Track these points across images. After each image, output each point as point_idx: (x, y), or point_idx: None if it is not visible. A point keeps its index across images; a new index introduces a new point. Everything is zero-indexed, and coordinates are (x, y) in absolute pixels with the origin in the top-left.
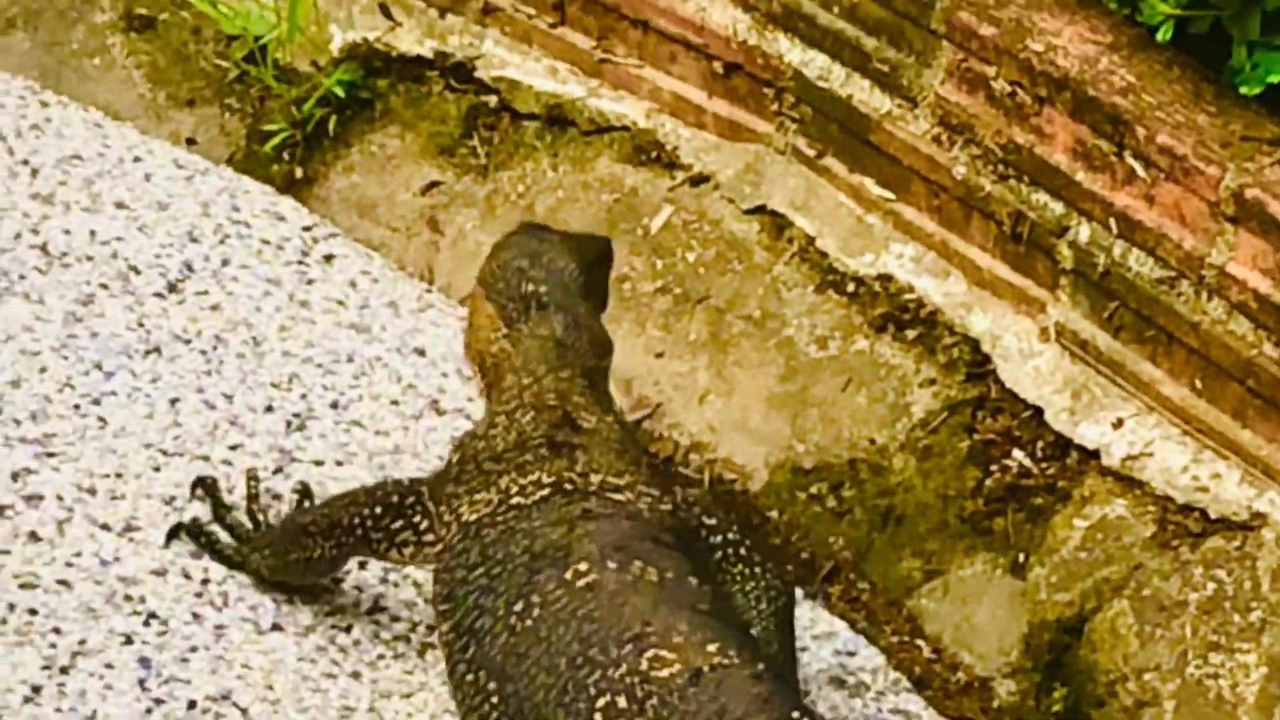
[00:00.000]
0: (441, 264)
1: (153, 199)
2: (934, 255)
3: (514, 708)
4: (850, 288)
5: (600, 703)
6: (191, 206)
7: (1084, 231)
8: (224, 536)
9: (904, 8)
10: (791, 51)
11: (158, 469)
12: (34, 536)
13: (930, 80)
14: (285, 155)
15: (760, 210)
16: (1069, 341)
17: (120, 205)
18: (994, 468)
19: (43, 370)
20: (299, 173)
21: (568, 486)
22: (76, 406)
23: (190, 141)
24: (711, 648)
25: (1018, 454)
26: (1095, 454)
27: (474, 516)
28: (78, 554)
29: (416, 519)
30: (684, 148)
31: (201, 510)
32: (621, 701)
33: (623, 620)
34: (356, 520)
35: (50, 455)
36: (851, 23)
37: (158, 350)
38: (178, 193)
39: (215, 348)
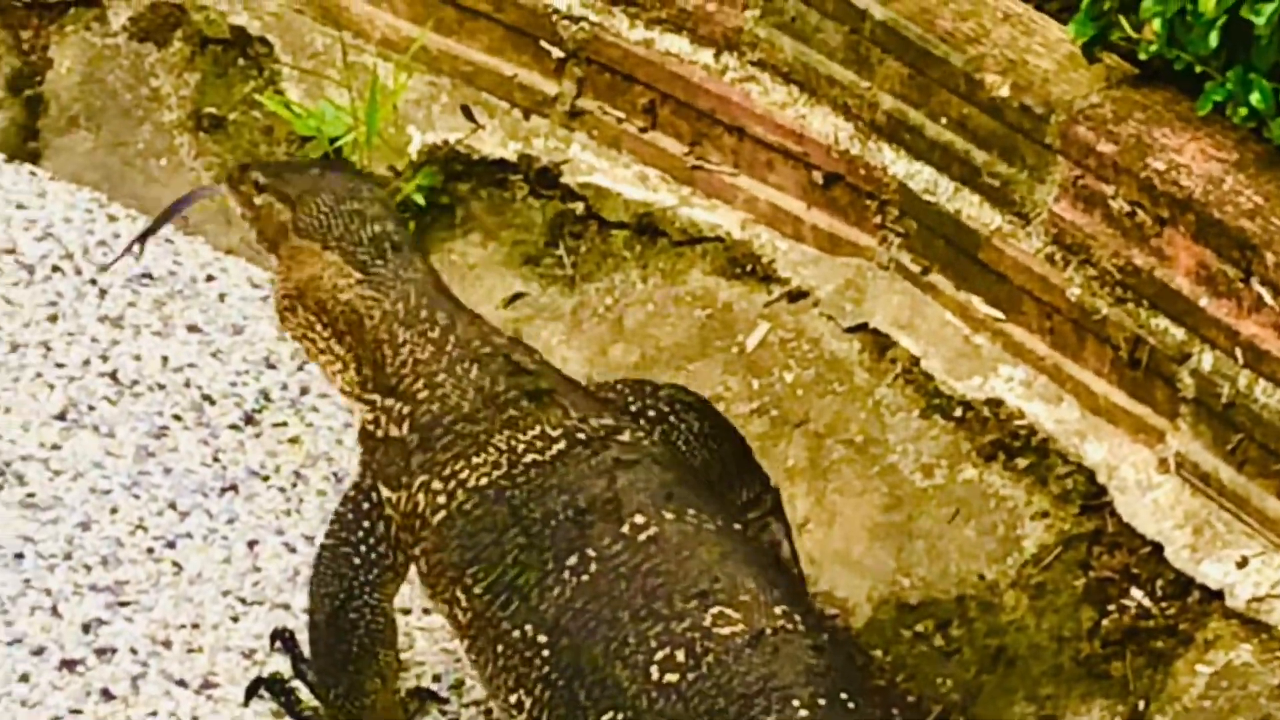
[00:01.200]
0: None
1: (227, 321)
2: (1046, 379)
3: (566, 660)
4: (957, 412)
5: (659, 655)
6: (267, 329)
7: (1207, 359)
8: (306, 694)
9: (1017, 120)
10: (896, 163)
11: (236, 619)
12: (106, 694)
13: (1044, 197)
14: None
15: (862, 328)
16: (1190, 474)
17: (193, 329)
18: (1111, 607)
19: (114, 511)
20: None
21: (580, 436)
22: (150, 550)
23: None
24: (779, 610)
25: (1136, 593)
26: (1219, 594)
27: (485, 480)
28: (153, 713)
29: (388, 511)
30: (781, 261)
31: (282, 664)
32: (680, 655)
33: (690, 574)
34: (353, 560)
35: (123, 604)
36: (961, 135)
37: (234, 488)
38: (253, 314)
39: (295, 484)
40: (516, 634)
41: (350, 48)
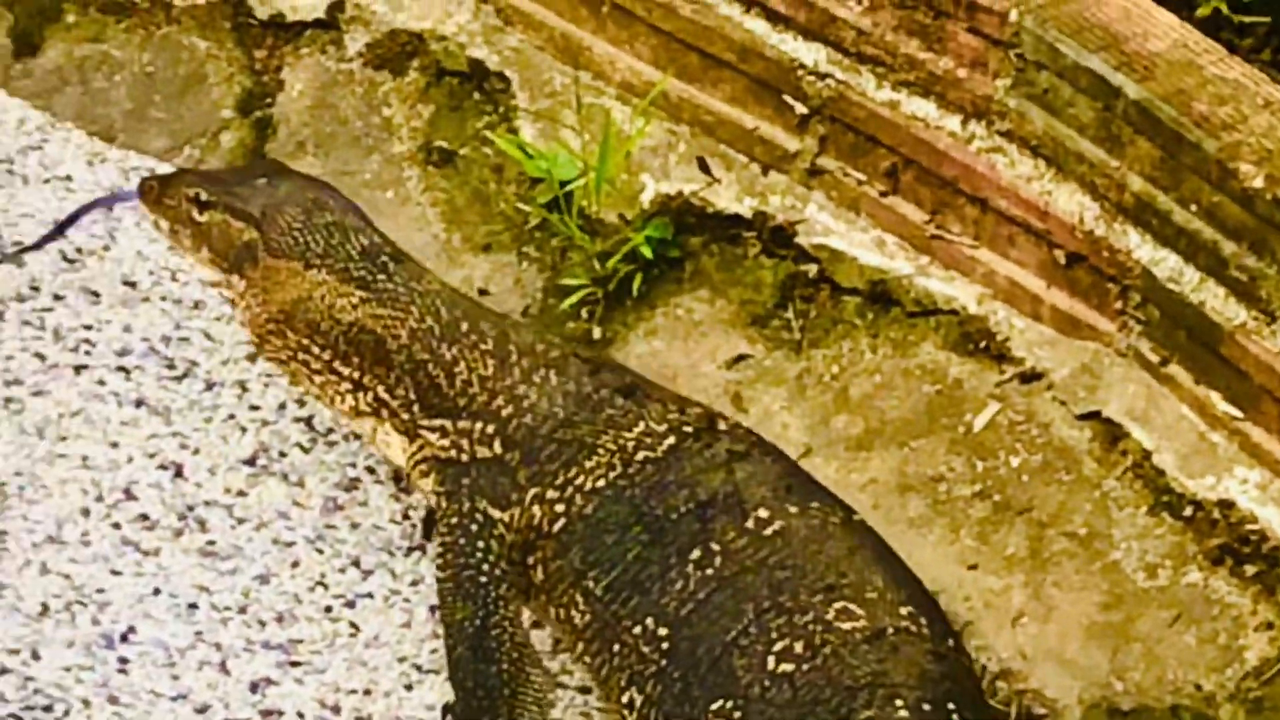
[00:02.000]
0: None
1: None
2: None
3: (684, 653)
4: (1187, 511)
5: (778, 646)
6: None
7: None
8: None
9: (1269, 213)
10: (1141, 248)
11: (409, 687)
12: None
13: None
14: (584, 313)
15: (1094, 416)
16: None
17: None
18: None
19: (295, 565)
20: (596, 333)
21: (686, 430)
22: (328, 609)
23: (483, 292)
24: (904, 610)
25: None
26: None
27: (601, 483)
28: None
29: (499, 530)
30: (1016, 339)
31: None
32: (798, 647)
33: (817, 568)
34: (479, 579)
35: (294, 664)
36: (1209, 224)
37: (421, 548)
38: None
39: None
40: (637, 629)
41: (588, 89)
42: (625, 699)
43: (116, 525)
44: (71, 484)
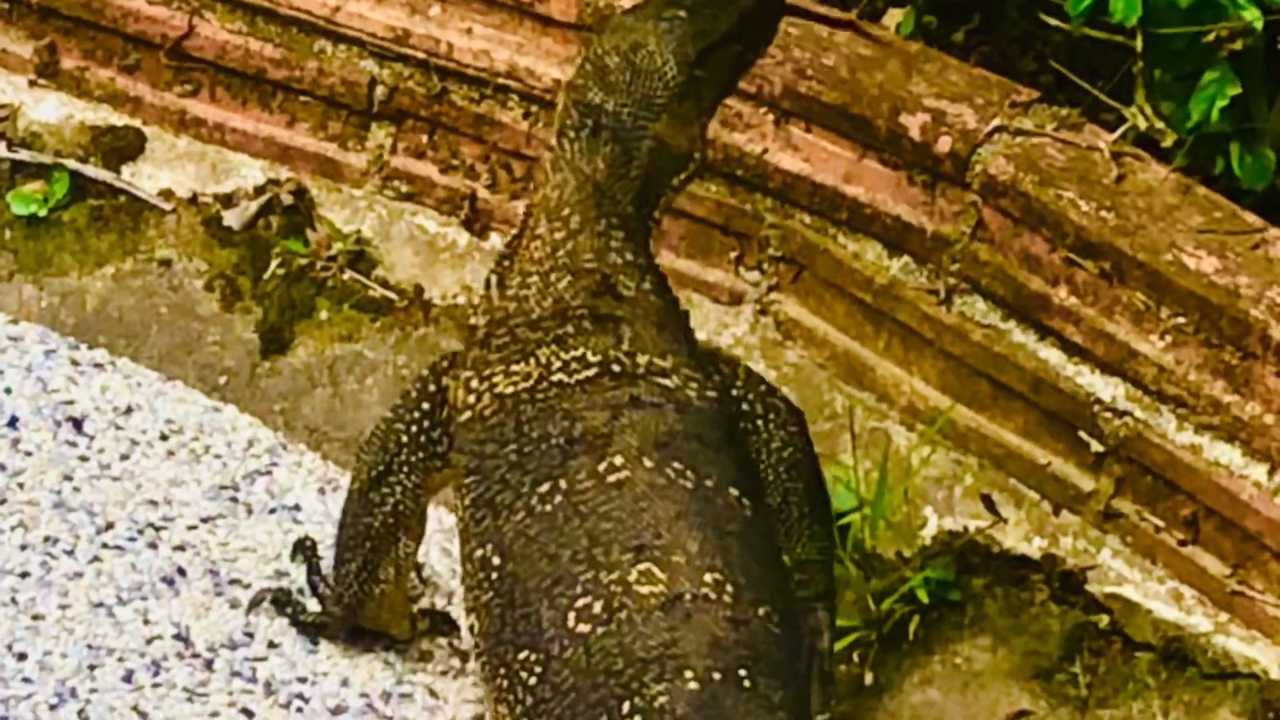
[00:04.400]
0: None
1: None
2: None
3: (506, 587)
4: None
5: (580, 603)
6: None
7: None
8: (313, 605)
9: None
10: None
11: None
12: None
13: None
14: (855, 656)
15: None
16: None
17: None
18: None
19: None
20: (869, 679)
21: (615, 368)
22: None
23: None
24: (708, 577)
25: None
26: None
27: (510, 389)
28: None
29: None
30: None
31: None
32: (596, 607)
33: (637, 526)
34: (401, 437)
35: None
36: None
37: None
38: None
39: None
40: (479, 552)
41: (871, 411)
42: (470, 621)
43: None
44: None
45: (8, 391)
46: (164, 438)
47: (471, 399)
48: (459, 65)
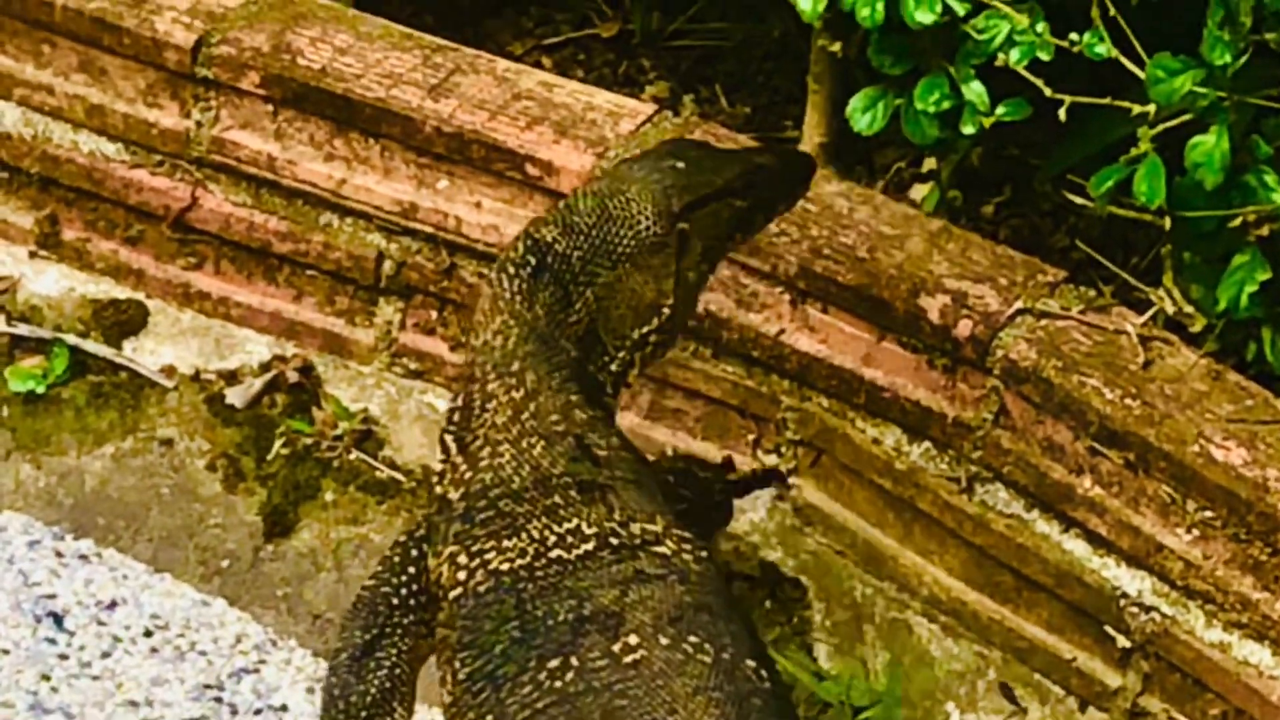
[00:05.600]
0: None
1: None
2: None
3: None
4: None
5: None
6: None
7: None
8: None
9: None
10: None
11: None
12: None
13: None
14: None
15: None
16: None
17: None
18: None
19: None
20: None
21: (613, 540)
22: None
23: None
24: None
25: None
26: None
27: (506, 566)
28: None
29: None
30: None
31: None
32: None
33: (652, 704)
34: (391, 600)
35: None
36: None
37: None
38: None
39: None
40: None
41: (892, 602)
42: None
43: None
44: None
45: None
46: (148, 634)
47: (462, 575)
48: (468, 240)
